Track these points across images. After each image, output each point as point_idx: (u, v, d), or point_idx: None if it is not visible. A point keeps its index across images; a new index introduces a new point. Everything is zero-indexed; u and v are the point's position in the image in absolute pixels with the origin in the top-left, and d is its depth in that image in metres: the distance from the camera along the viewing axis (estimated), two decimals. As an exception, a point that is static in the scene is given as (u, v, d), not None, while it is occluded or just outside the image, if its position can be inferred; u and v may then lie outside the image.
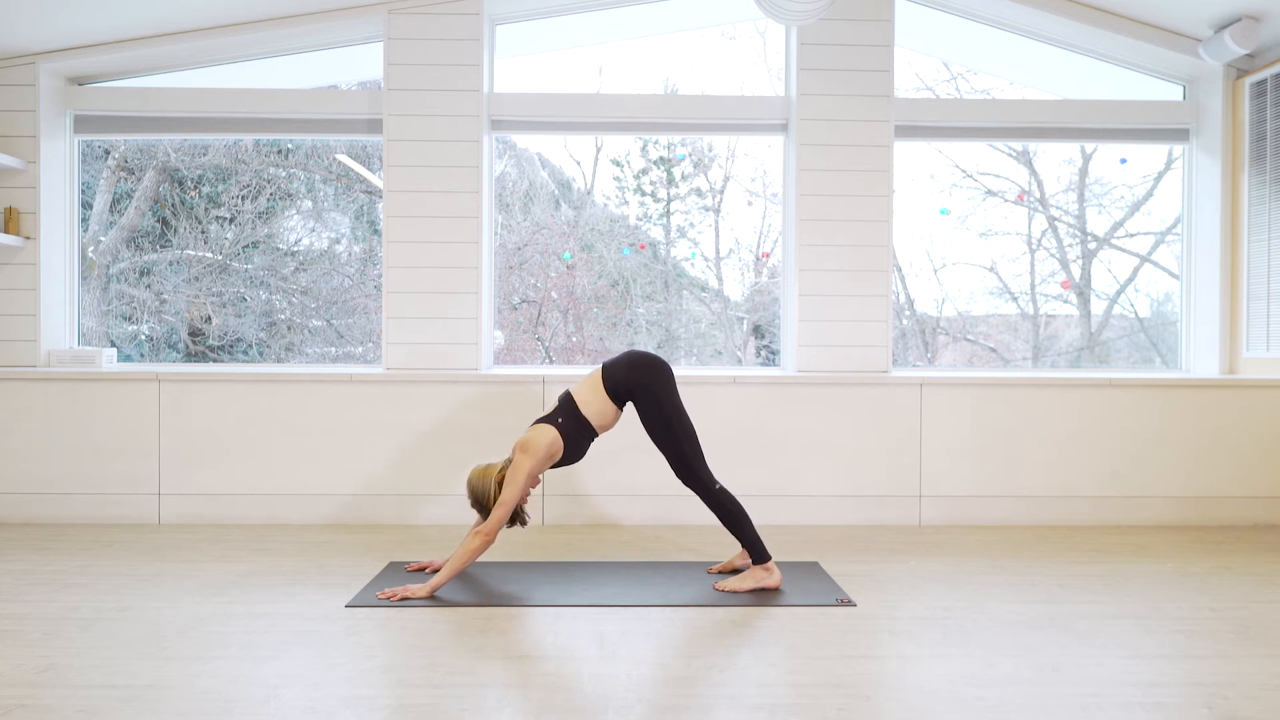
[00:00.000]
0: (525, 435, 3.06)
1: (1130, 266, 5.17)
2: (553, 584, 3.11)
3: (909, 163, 4.98)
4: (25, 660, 2.35)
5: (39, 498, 4.11)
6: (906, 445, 4.18)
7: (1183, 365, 4.75)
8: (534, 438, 3.03)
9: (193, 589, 3.03)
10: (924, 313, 5.28)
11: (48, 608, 2.81)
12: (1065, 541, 3.84)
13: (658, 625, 2.69)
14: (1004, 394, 4.21)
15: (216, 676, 2.25)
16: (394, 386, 4.15)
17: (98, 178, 4.96)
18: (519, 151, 5.36)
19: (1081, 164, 5.20)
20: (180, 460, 4.11)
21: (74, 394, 4.12)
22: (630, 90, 5.00)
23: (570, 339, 5.32)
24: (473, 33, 4.33)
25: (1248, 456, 4.21)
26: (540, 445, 3.01)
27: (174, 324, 5.03)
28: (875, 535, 3.96)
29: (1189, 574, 3.31)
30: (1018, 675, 2.29)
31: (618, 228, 5.43)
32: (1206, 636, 2.61)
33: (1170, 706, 2.10)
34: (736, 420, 4.16)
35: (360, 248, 5.20)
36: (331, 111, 4.47)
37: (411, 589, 2.92)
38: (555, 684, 2.23)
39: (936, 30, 4.72)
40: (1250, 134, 4.43)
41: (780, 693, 2.17)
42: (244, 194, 5.10)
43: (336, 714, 2.03)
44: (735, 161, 5.31)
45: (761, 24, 4.96)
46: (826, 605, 2.87)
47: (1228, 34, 4.19)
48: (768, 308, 5.22)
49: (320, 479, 4.12)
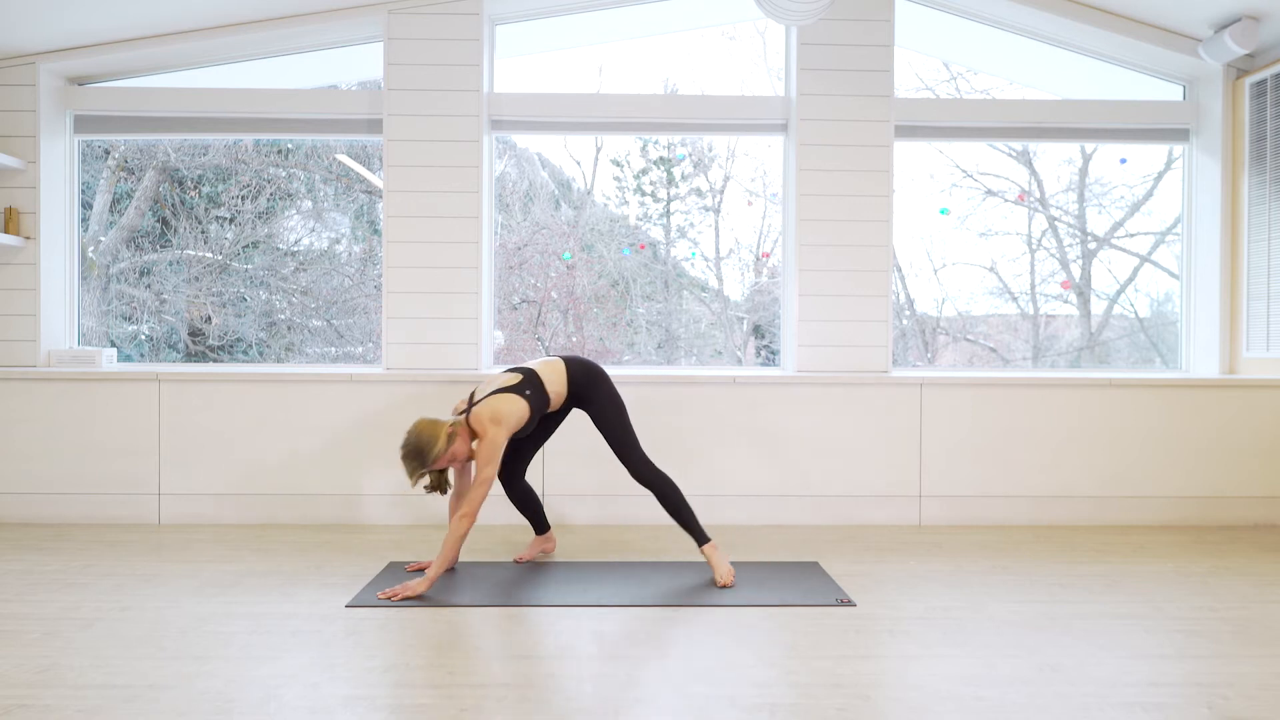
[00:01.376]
0: (493, 407, 3.03)
1: (1130, 266, 5.17)
2: (553, 584, 3.11)
3: (909, 163, 4.98)
4: (25, 660, 2.35)
5: (39, 498, 4.10)
6: (906, 445, 4.18)
7: (1183, 365, 4.74)
8: (508, 409, 3.04)
9: (193, 589, 3.03)
10: (924, 313, 5.28)
11: (48, 608, 2.81)
12: (1065, 541, 3.84)
13: (658, 625, 2.69)
14: (1004, 394, 4.21)
15: (216, 676, 2.25)
16: (394, 386, 4.15)
17: (98, 178, 4.96)
18: (519, 151, 5.36)
19: (1081, 164, 5.19)
20: (180, 460, 4.11)
21: (74, 394, 4.12)
22: (630, 90, 5.00)
23: (570, 339, 5.32)
24: (473, 33, 4.33)
25: (1248, 456, 4.21)
26: (514, 417, 3.05)
27: (174, 324, 5.03)
28: (875, 535, 3.96)
29: (1189, 574, 3.31)
30: (1018, 675, 2.29)
31: (618, 228, 5.43)
32: (1206, 636, 2.61)
33: (1170, 706, 2.10)
34: (736, 420, 4.16)
35: (360, 248, 5.20)
36: (331, 111, 4.47)
37: (410, 586, 2.92)
38: (555, 684, 2.23)
39: (936, 30, 4.72)
40: (1250, 134, 4.43)
41: (780, 693, 2.17)
42: (244, 194, 5.10)
43: (336, 714, 2.03)
44: (735, 161, 5.31)
45: (761, 24, 4.96)
46: (826, 605, 2.87)
47: (1228, 34, 4.19)
48: (768, 308, 5.22)
49: (320, 479, 4.12)
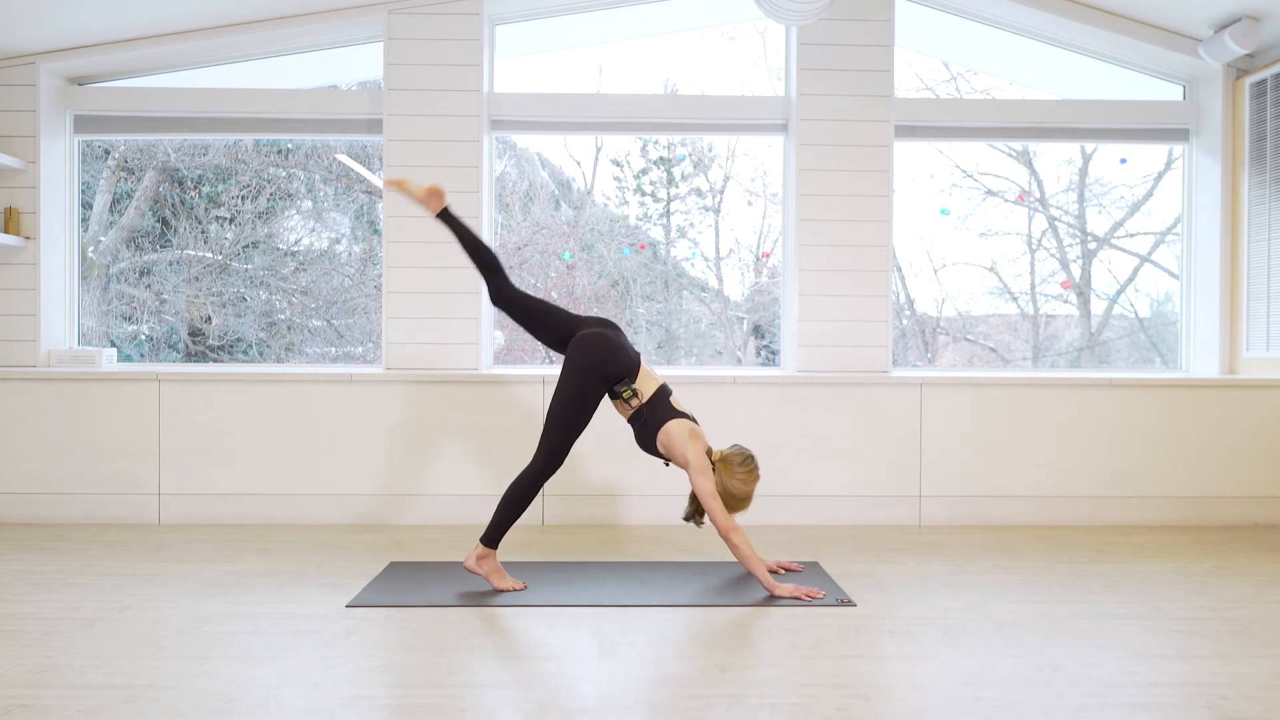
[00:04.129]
0: (689, 429, 3.00)
1: (1130, 266, 5.17)
2: (553, 584, 3.11)
3: (909, 163, 4.98)
4: (25, 660, 2.35)
5: (39, 498, 4.11)
6: (906, 445, 4.18)
7: (1183, 365, 4.75)
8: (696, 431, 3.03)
9: (193, 589, 3.03)
10: (924, 313, 5.29)
11: (48, 608, 2.80)
12: (1065, 541, 3.84)
13: (658, 625, 2.69)
14: (1004, 394, 4.21)
15: (216, 676, 2.25)
16: (394, 386, 4.15)
17: (98, 178, 4.96)
18: (519, 151, 5.37)
19: (1081, 164, 5.20)
20: (180, 460, 4.11)
21: (74, 394, 4.12)
22: (630, 90, 5.00)
23: (570, 339, 5.31)
24: (473, 33, 4.33)
25: (1248, 456, 4.21)
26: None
27: (174, 324, 5.03)
28: (875, 535, 3.96)
29: (1189, 574, 3.31)
30: (1018, 675, 2.29)
31: (618, 228, 5.43)
32: (1206, 636, 2.60)
33: (1170, 706, 2.10)
34: (736, 420, 4.16)
35: (360, 248, 5.20)
36: (331, 111, 4.47)
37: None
38: (555, 684, 2.23)
39: (936, 30, 4.72)
40: (1250, 134, 4.43)
41: (780, 693, 2.17)
42: (244, 194, 5.10)
43: (336, 714, 2.03)
44: (735, 161, 5.31)
45: (761, 24, 4.96)
46: (826, 605, 2.87)
47: (1228, 34, 4.19)
48: (768, 308, 5.22)
49: (320, 479, 4.12)
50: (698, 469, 2.94)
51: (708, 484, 2.94)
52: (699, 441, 2.99)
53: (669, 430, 3.01)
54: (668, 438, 3.01)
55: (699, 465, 2.95)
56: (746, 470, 2.98)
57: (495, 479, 4.10)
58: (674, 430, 3.00)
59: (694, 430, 3.02)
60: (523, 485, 2.99)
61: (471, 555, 3.00)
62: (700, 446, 2.98)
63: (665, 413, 3.04)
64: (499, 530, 3.00)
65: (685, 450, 2.97)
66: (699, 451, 2.97)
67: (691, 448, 2.97)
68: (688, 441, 2.97)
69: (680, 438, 2.99)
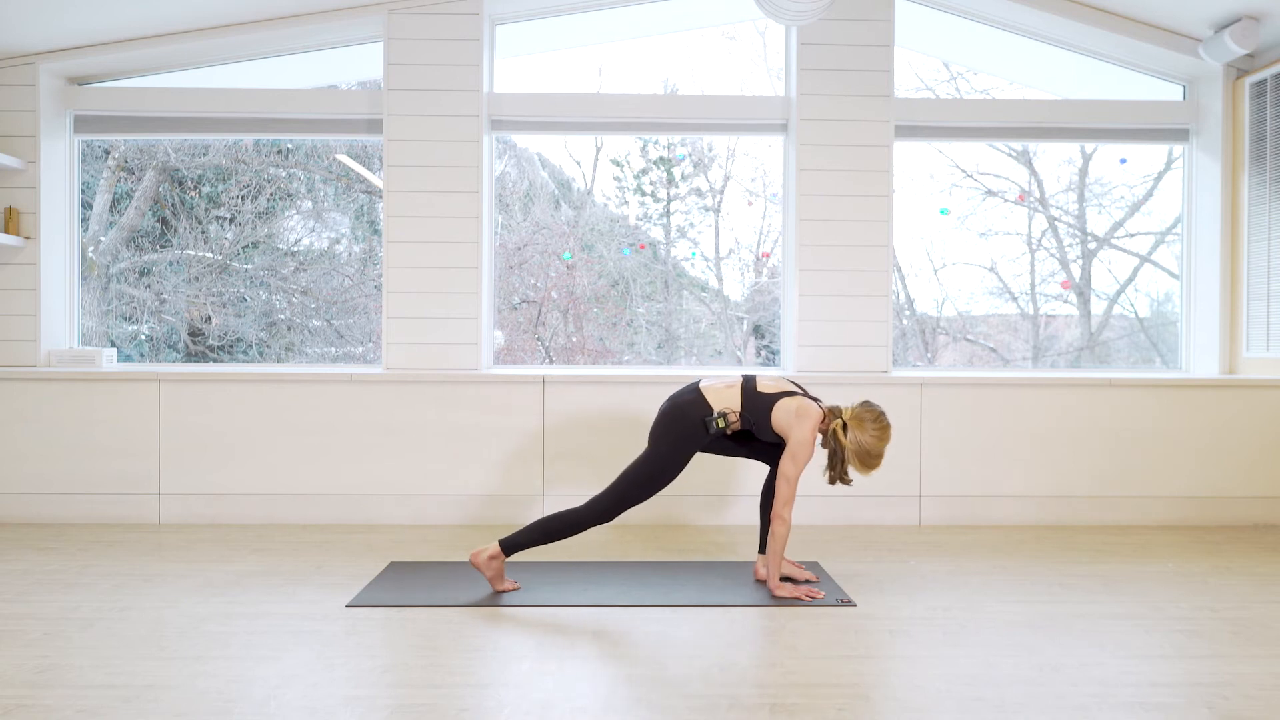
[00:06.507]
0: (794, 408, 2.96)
1: (1130, 266, 5.17)
2: (553, 584, 3.11)
3: (909, 163, 4.98)
4: (25, 660, 2.35)
5: (39, 498, 4.11)
6: (906, 445, 4.18)
7: (1183, 365, 4.74)
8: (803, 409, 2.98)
9: (193, 589, 3.03)
10: (924, 313, 5.28)
11: (48, 608, 2.81)
12: (1065, 541, 3.84)
13: (658, 625, 2.69)
14: (1004, 394, 4.21)
15: (216, 676, 2.25)
16: (394, 386, 4.15)
17: (98, 178, 4.96)
18: (519, 151, 5.36)
19: (1081, 164, 5.20)
20: (180, 460, 4.11)
21: (74, 394, 4.12)
22: (630, 90, 5.00)
23: (570, 339, 5.32)
24: (473, 33, 4.33)
25: (1248, 456, 4.20)
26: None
27: (174, 324, 5.03)
28: (875, 535, 3.96)
29: (1189, 574, 3.31)
30: (1018, 675, 2.29)
31: (618, 228, 5.43)
32: (1206, 636, 2.61)
33: (1170, 706, 2.10)
34: (736, 420, 4.15)
35: (360, 248, 5.20)
36: (331, 111, 4.47)
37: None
38: (555, 684, 2.23)
39: (936, 30, 4.72)
40: (1250, 134, 4.43)
41: (780, 693, 2.17)
42: (244, 194, 5.10)
43: (336, 714, 2.03)
44: (735, 161, 5.31)
45: (761, 24, 4.96)
46: (826, 605, 2.87)
47: (1228, 34, 4.19)
48: (768, 308, 5.22)
49: (320, 479, 4.12)
50: (789, 453, 2.93)
51: (793, 470, 2.92)
52: (806, 420, 2.95)
53: (774, 417, 2.99)
54: (777, 424, 2.99)
55: (792, 449, 2.93)
56: (879, 427, 2.95)
57: (495, 479, 4.10)
58: (778, 415, 2.98)
59: (800, 408, 2.96)
60: (568, 523, 2.99)
61: (484, 552, 2.98)
62: (806, 426, 2.94)
63: (763, 403, 3.01)
64: (521, 546, 3.00)
65: (789, 431, 2.96)
66: (803, 433, 2.93)
67: (796, 429, 2.94)
68: (792, 423, 2.95)
69: (785, 420, 2.97)
